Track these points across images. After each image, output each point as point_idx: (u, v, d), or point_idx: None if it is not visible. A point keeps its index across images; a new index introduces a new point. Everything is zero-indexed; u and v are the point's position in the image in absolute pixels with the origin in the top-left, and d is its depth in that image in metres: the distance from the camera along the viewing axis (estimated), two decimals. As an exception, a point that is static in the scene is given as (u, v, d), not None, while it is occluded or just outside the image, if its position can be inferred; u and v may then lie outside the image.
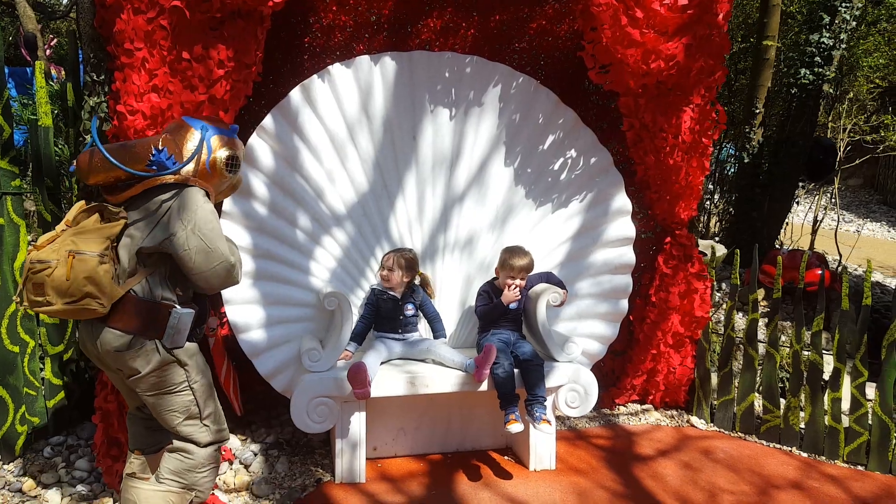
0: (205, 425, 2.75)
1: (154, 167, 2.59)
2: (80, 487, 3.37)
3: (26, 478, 3.41)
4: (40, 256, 2.47)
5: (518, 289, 3.84)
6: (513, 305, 3.89)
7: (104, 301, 2.50)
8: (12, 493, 3.31)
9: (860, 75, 9.99)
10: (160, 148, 2.60)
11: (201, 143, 2.69)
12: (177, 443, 2.75)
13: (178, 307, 2.62)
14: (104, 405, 3.33)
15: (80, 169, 2.69)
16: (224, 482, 3.50)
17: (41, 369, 3.71)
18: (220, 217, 3.42)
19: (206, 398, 2.76)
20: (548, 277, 4.02)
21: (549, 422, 3.62)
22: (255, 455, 3.75)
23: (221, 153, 2.74)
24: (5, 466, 3.52)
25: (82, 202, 2.69)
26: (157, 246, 2.57)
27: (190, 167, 2.67)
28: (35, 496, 3.30)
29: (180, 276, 2.64)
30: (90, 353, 2.69)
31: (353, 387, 3.44)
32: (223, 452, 3.63)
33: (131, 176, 2.60)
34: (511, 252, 3.89)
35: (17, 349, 3.53)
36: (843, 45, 6.93)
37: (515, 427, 3.54)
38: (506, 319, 3.93)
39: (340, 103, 3.85)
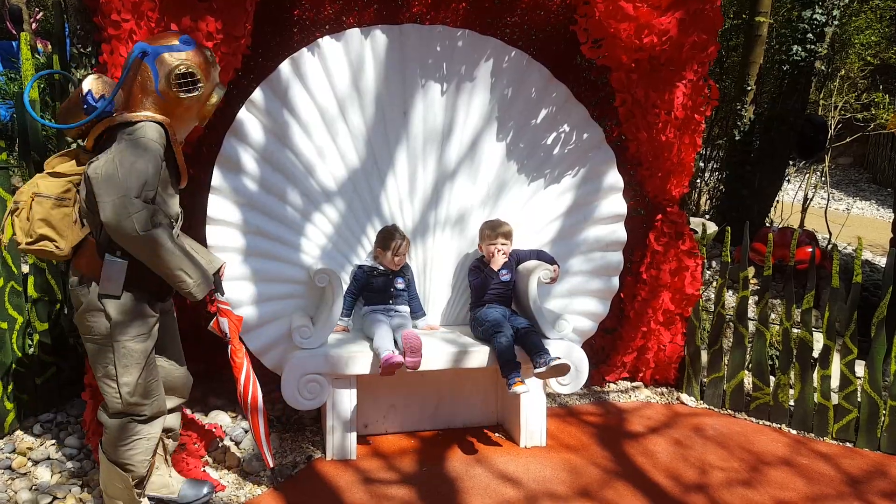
0: (119, 392, 2.67)
1: (87, 112, 2.58)
2: (69, 464, 3.36)
3: (16, 455, 3.39)
4: (16, 197, 2.63)
5: (504, 253, 3.87)
6: (504, 278, 3.89)
7: (61, 244, 2.59)
8: (2, 471, 3.29)
9: (852, 52, 9.95)
10: (85, 91, 2.58)
11: (127, 69, 2.57)
12: (99, 412, 2.78)
13: (109, 255, 2.58)
14: (93, 382, 3.29)
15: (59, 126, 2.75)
16: (214, 459, 3.50)
17: (30, 346, 3.68)
18: (210, 192, 3.38)
19: (129, 365, 2.65)
20: (539, 255, 4.01)
21: (561, 359, 3.57)
22: (246, 432, 3.74)
23: (172, 71, 2.57)
24: (-6, 443, 3.50)
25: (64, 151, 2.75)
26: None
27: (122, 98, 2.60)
28: (24, 473, 3.28)
29: None
30: None
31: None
32: (214, 430, 3.62)
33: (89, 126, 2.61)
34: (489, 223, 3.97)
35: (5, 325, 3.50)
36: (836, 22, 6.88)
37: (522, 388, 3.51)
38: (496, 296, 3.92)
39: (330, 77, 3.80)
